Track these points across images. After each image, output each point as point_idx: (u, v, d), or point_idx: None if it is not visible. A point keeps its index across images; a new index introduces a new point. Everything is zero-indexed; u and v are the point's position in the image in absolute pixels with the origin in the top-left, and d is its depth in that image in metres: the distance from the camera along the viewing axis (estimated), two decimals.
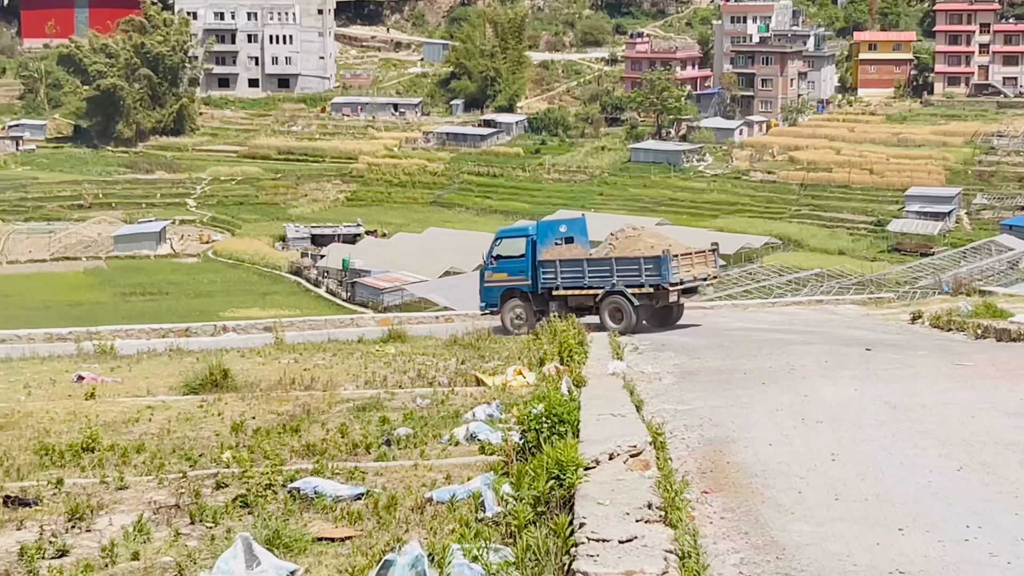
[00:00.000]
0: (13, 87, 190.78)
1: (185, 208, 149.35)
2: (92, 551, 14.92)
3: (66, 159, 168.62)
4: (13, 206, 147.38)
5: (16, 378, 31.17)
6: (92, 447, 20.60)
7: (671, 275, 41.20)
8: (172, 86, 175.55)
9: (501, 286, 43.98)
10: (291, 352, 35.30)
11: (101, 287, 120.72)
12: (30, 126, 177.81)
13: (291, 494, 16.74)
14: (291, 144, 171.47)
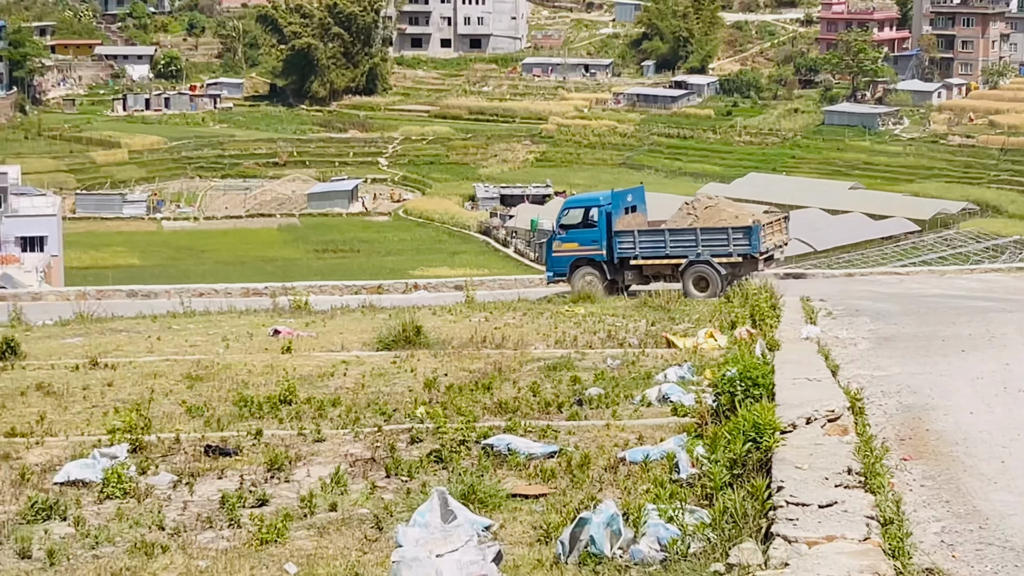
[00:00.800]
0: (212, 46, 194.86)
1: (377, 167, 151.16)
2: (291, 501, 15.21)
3: (262, 117, 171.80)
4: (211, 163, 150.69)
5: (215, 331, 31.88)
6: (289, 400, 20.99)
7: (761, 244, 41.98)
8: (365, 46, 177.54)
9: (571, 255, 43.94)
10: (481, 310, 35.49)
11: (294, 244, 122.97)
12: (228, 84, 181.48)
13: (484, 451, 16.86)
14: (482, 104, 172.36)
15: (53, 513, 14.77)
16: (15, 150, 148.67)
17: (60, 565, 13.16)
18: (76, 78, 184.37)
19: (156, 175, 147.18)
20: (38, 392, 23.06)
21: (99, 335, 32.12)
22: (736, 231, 42.32)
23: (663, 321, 31.49)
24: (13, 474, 16.75)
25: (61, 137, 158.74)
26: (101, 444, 17.86)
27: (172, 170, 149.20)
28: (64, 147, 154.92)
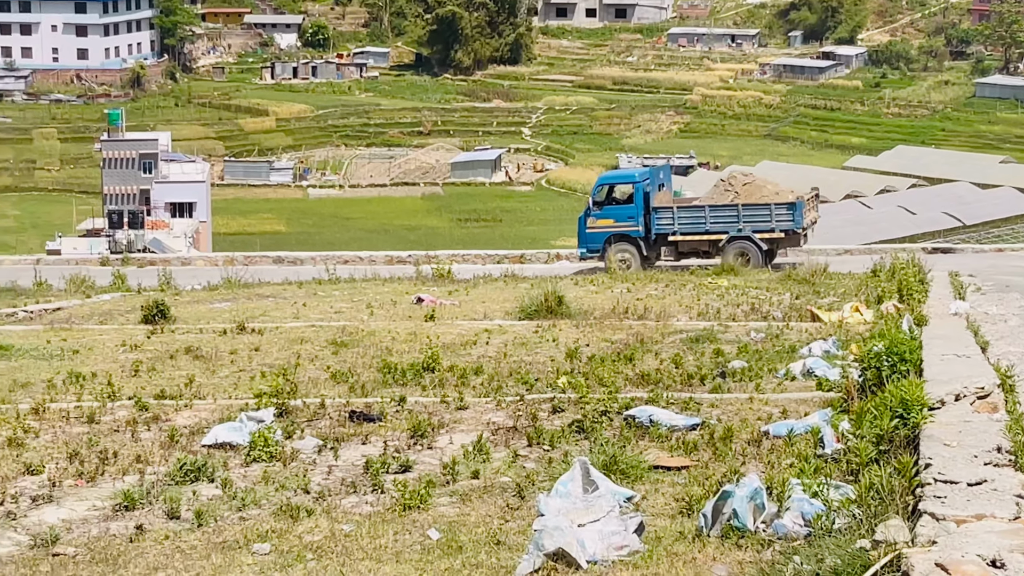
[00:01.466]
0: (359, 15, 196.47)
1: (520, 137, 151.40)
2: (434, 468, 15.31)
3: (407, 86, 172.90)
4: (356, 132, 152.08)
5: (359, 298, 32.18)
6: (432, 367, 21.12)
7: (804, 220, 42.91)
8: (510, 15, 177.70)
9: (606, 231, 44.31)
10: (623, 281, 35.41)
11: (437, 212, 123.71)
12: (374, 53, 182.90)
13: (626, 421, 16.83)
14: (626, 75, 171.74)
15: (201, 475, 15.03)
16: (166, 117, 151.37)
17: (208, 526, 13.39)
18: (226, 46, 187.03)
19: (303, 143, 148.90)
20: (187, 356, 23.48)
21: (246, 300, 32.61)
22: (779, 207, 43.07)
23: (807, 295, 31.14)
24: (162, 436, 17.08)
25: (210, 105, 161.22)
26: (248, 408, 18.15)
27: (318, 138, 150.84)
28: (213, 114, 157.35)
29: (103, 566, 12.30)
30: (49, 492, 14.67)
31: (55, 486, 14.90)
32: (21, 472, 15.50)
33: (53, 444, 16.84)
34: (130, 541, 13.01)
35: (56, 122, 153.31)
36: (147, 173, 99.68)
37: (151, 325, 27.46)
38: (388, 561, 12.15)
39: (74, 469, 15.54)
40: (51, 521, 13.64)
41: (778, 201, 43.34)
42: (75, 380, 21.10)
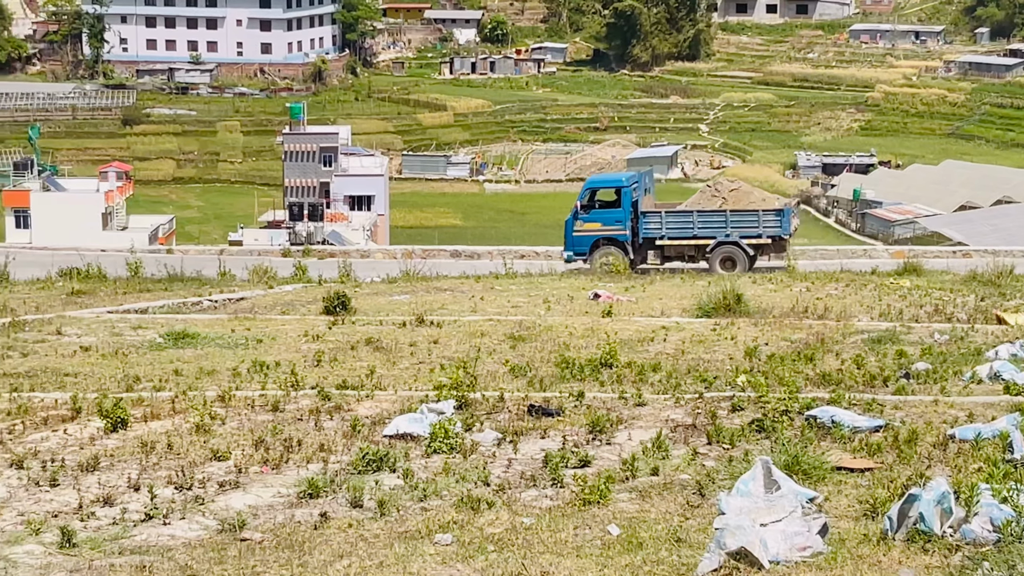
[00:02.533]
0: (538, 11, 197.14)
1: (697, 133, 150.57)
2: (613, 463, 15.32)
3: (584, 82, 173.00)
4: (533, 127, 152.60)
5: (536, 293, 32.34)
6: (610, 363, 21.13)
7: (791, 227, 44.24)
8: (690, 11, 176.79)
9: (593, 235, 44.87)
10: (803, 280, 35.06)
11: None
12: (552, 49, 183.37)
13: (808, 422, 16.65)
14: (806, 71, 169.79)
15: (383, 465, 15.23)
16: (346, 111, 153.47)
17: (390, 515, 13.57)
18: (406, 41, 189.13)
19: (480, 138, 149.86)
20: (367, 347, 23.81)
21: (425, 293, 32.96)
22: (767, 213, 44.25)
23: (993, 297, 30.52)
24: (345, 425, 17.35)
25: (390, 99, 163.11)
26: (428, 399, 18.35)
27: (495, 133, 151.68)
28: (392, 109, 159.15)
29: (289, 552, 12.53)
30: (236, 478, 14.99)
31: (241, 472, 15.22)
32: (208, 458, 15.86)
33: (239, 431, 17.21)
34: (314, 528, 13.24)
35: (239, 115, 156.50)
36: (327, 166, 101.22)
37: (332, 316, 27.93)
38: (568, 555, 12.19)
39: (259, 456, 15.86)
40: (238, 507, 13.94)
41: (766, 208, 44.62)
42: (259, 369, 21.55)
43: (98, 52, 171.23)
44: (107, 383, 20.80)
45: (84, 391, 19.65)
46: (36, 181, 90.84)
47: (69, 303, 32.99)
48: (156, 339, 25.19)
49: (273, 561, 12.30)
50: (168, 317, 28.98)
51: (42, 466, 15.50)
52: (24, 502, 14.26)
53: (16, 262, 41.67)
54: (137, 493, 14.40)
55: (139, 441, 16.59)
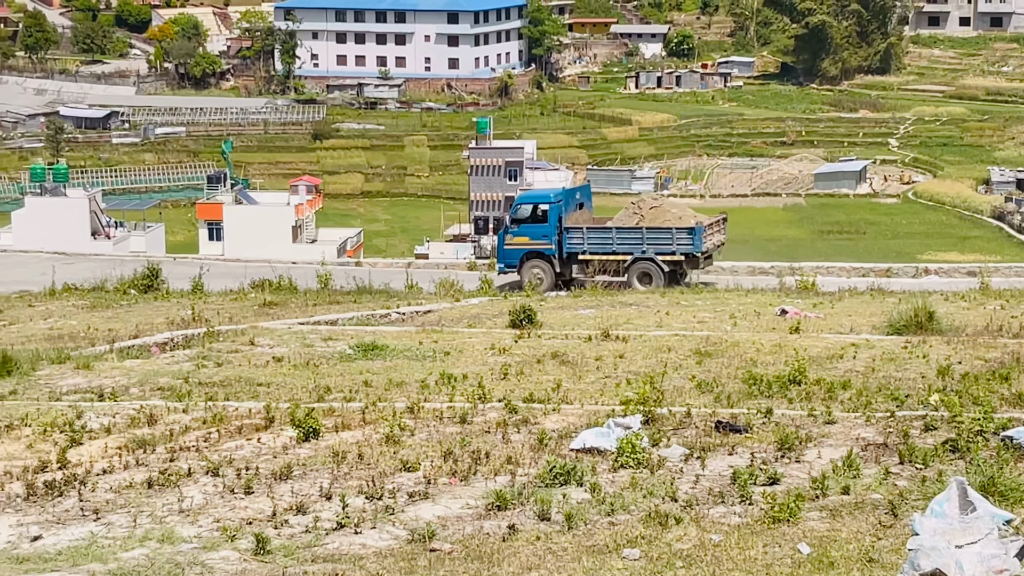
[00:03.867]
0: (725, 24, 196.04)
1: (886, 148, 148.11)
2: (802, 481, 15.17)
3: (771, 96, 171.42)
4: (718, 141, 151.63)
5: (722, 308, 32.12)
6: (799, 380, 20.90)
7: (703, 245, 45.34)
8: (881, 24, 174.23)
9: (522, 248, 46.63)
10: (997, 298, 34.27)
11: (799, 224, 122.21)
12: (738, 63, 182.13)
13: (1003, 442, 16.29)
14: (1000, 85, 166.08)
15: (570, 478, 15.28)
16: (531, 125, 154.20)
17: (577, 529, 13.61)
18: (591, 56, 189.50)
19: (664, 152, 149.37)
20: (553, 360, 23.90)
21: (610, 308, 32.96)
22: (680, 231, 45.64)
23: None
24: (532, 439, 17.44)
25: (575, 114, 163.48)
26: (615, 414, 18.35)
27: (680, 148, 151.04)
28: (577, 123, 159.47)
29: (478, 563, 12.64)
30: (425, 489, 15.16)
31: (430, 483, 15.39)
32: (398, 468, 16.08)
33: (427, 442, 17.41)
34: (503, 540, 13.34)
35: (426, 129, 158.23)
36: (512, 180, 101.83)
37: (518, 329, 28.06)
38: (758, 573, 12.11)
39: (448, 467, 16.02)
40: (427, 517, 14.10)
41: (679, 226, 45.81)
42: (447, 381, 21.76)
43: (290, 68, 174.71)
44: (299, 393, 21.20)
45: (277, 401, 20.05)
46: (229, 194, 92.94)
47: (261, 314, 33.73)
48: (346, 350, 25.60)
49: (462, 572, 12.43)
50: (357, 329, 29.42)
51: (237, 474, 15.86)
52: (220, 508, 14.60)
53: (210, 273, 42.73)
54: (329, 502, 14.66)
55: (331, 451, 16.88)
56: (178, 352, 26.43)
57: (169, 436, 17.98)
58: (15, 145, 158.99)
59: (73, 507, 14.75)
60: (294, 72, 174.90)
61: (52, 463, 16.53)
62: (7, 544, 13.48)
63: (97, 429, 18.47)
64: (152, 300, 38.60)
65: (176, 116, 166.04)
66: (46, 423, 18.78)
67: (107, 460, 16.78)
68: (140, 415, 19.26)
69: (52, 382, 22.97)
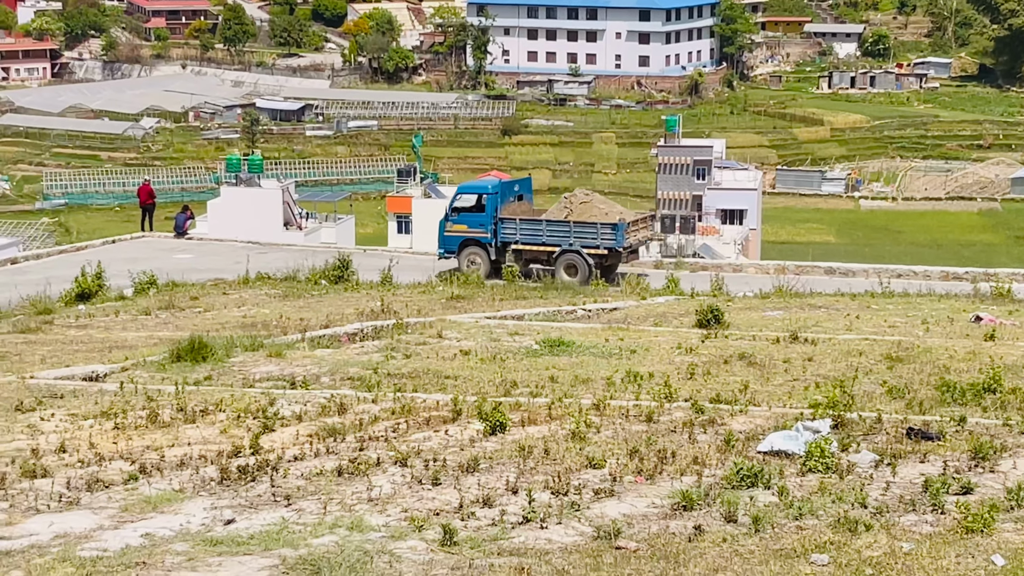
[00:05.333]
0: (922, 24, 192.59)
1: None
2: (997, 492, 14.83)
3: (968, 98, 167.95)
4: (912, 143, 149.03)
5: (914, 313, 31.53)
6: (994, 388, 20.42)
7: (625, 240, 47.09)
8: None
9: (460, 236, 49.05)
10: None
11: (994, 229, 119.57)
12: (935, 64, 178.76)
13: None
14: None
15: (757, 481, 15.15)
16: (720, 124, 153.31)
17: (765, 532, 13.49)
18: (784, 55, 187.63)
19: (856, 154, 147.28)
20: (740, 361, 23.71)
21: (798, 310, 32.57)
22: (604, 227, 47.50)
23: None
24: (718, 440, 17.33)
25: (765, 113, 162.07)
26: (803, 417, 18.14)
27: (872, 149, 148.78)
28: (767, 123, 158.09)
29: (664, 563, 12.60)
30: (610, 486, 15.16)
31: (615, 481, 15.38)
32: (584, 465, 16.10)
33: (613, 440, 17.40)
34: (689, 541, 13.27)
35: (615, 127, 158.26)
36: (700, 179, 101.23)
37: (705, 329, 27.90)
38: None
39: (634, 466, 15.99)
40: (612, 515, 14.10)
41: (604, 221, 47.76)
42: (633, 379, 21.73)
43: (481, 63, 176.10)
44: (486, 387, 21.35)
45: (464, 394, 20.21)
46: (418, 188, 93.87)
47: (449, 307, 34.04)
48: (532, 346, 25.71)
49: (648, 571, 12.40)
50: (544, 324, 29.52)
51: (424, 465, 16.02)
52: (408, 499, 14.77)
53: (399, 266, 43.22)
54: (515, 496, 14.73)
55: (517, 445, 16.96)
56: (367, 343, 26.81)
57: (359, 425, 18.24)
58: (212, 136, 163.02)
59: (265, 492, 15.05)
60: (485, 68, 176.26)
61: (245, 448, 16.87)
62: (201, 526, 13.80)
63: (289, 416, 18.82)
64: (342, 291, 39.19)
65: (368, 110, 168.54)
66: (240, 409, 19.19)
67: (298, 447, 17.08)
68: (331, 404, 19.58)
69: (245, 369, 23.48)
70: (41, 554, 12.86)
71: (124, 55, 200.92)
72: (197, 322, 31.93)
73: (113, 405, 19.47)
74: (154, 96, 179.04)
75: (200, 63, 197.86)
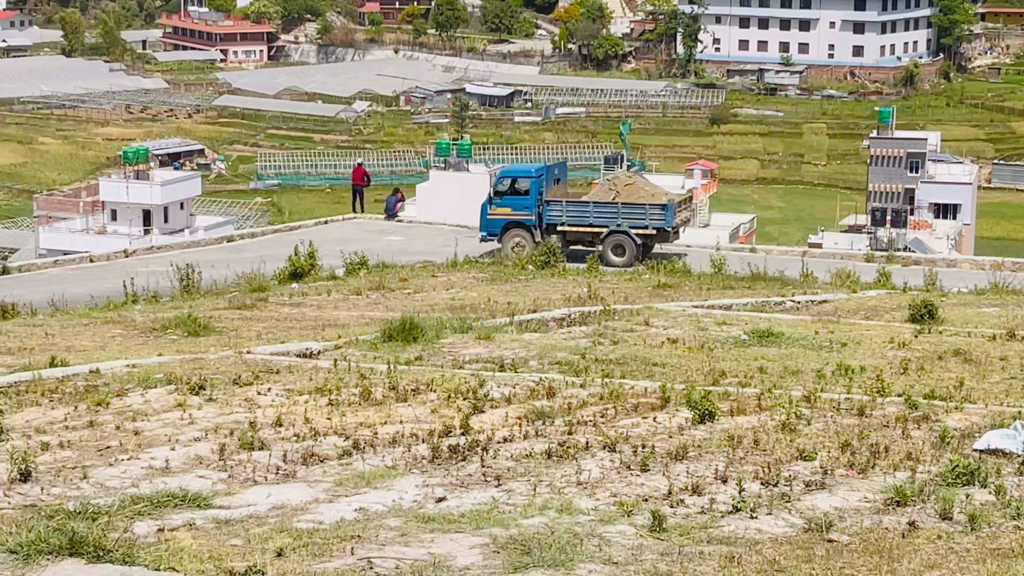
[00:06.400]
0: None
1: None
2: None
3: None
4: None
5: None
6: None
7: (674, 220, 49.30)
8: None
9: (504, 219, 50.22)
10: None
11: None
12: None
13: None
14: None
15: (974, 479, 14.84)
16: (936, 117, 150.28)
17: (981, 531, 13.23)
18: (1003, 47, 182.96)
19: None
20: (955, 358, 23.27)
21: (1015, 307, 31.85)
22: (654, 207, 49.38)
23: None
24: (933, 436, 17.02)
25: (982, 106, 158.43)
26: (1022, 416, 17.72)
27: None
28: (984, 116, 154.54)
29: (876, 557, 12.45)
30: (821, 479, 15.00)
31: (827, 474, 15.22)
32: (794, 457, 15.96)
33: (824, 433, 17.21)
34: (902, 536, 13.08)
35: (826, 117, 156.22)
36: (913, 172, 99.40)
37: (918, 324, 27.43)
38: None
39: (845, 459, 15.80)
40: (824, 508, 13.95)
41: (652, 202, 49.51)
42: (844, 372, 21.46)
43: (691, 51, 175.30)
44: (693, 375, 21.30)
45: (672, 382, 20.19)
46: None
47: (656, 295, 34.08)
48: (740, 336, 25.56)
49: (861, 564, 12.25)
50: (751, 315, 29.34)
51: (633, 451, 16.05)
52: (616, 484, 14.82)
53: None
54: (724, 485, 14.68)
55: (726, 434, 16.89)
56: (575, 328, 26.96)
57: (567, 409, 18.34)
58: (422, 120, 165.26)
59: (475, 472, 15.23)
60: (695, 56, 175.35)
61: (456, 428, 17.09)
62: (413, 503, 14.03)
63: (498, 398, 19.00)
64: (549, 276, 39.47)
65: (577, 97, 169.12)
66: (450, 389, 19.45)
67: (508, 429, 17.24)
68: (539, 387, 19.72)
69: (455, 350, 23.77)
70: (259, 524, 13.20)
71: (338, 39, 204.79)
72: (407, 303, 32.46)
73: (327, 382, 19.88)
74: (366, 80, 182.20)
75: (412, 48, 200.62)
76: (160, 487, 14.22)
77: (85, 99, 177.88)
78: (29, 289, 38.03)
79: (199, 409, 18.29)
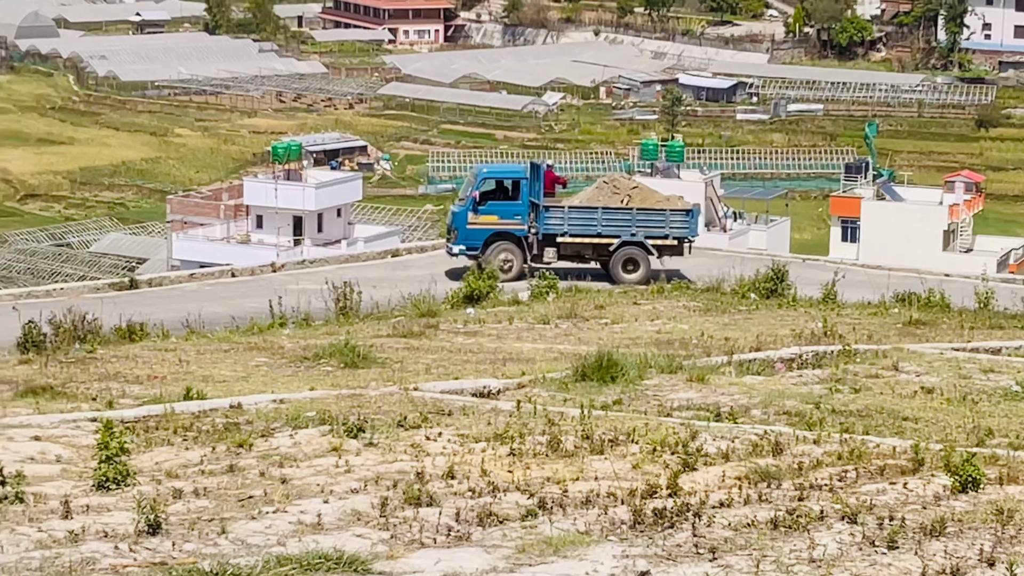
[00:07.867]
0: None
1: None
2: None
3: None
4: None
5: None
6: None
7: (697, 228, 49.70)
8: None
9: (488, 229, 48.57)
10: None
11: None
12: None
13: None
14: None
15: None
16: None
17: None
18: None
19: None
20: None
21: None
22: (676, 213, 49.00)
23: None
24: None
25: None
26: None
27: None
28: None
29: None
30: None
31: None
32: None
33: None
34: None
35: None
36: None
37: None
38: None
39: None
40: None
41: (675, 207, 49.17)
42: None
43: (955, 39, 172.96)
44: (953, 433, 20.98)
45: (927, 440, 19.89)
46: (869, 187, 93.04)
47: (906, 334, 33.65)
48: (1012, 387, 25.10)
49: None
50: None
51: (878, 523, 15.83)
52: (857, 563, 14.63)
53: (844, 280, 42.91)
54: (991, 569, 14.41)
55: (993, 507, 16.58)
56: (807, 371, 26.75)
57: (797, 470, 18.17)
58: (625, 116, 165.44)
59: (685, 543, 15.14)
60: (960, 44, 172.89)
61: (662, 488, 17.03)
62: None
63: (713, 453, 18.90)
64: (775, 307, 39.21)
65: (813, 91, 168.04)
66: (655, 441, 19.39)
67: (725, 491, 17.14)
68: (763, 442, 19.57)
69: (662, 394, 23.73)
70: None
71: (528, 18, 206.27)
72: (603, 335, 32.51)
73: (509, 427, 19.97)
74: (560, 67, 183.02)
75: (615, 29, 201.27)
76: (311, 547, 14.39)
77: (230, 84, 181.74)
78: (160, 307, 38.90)
79: (357, 455, 18.49)
